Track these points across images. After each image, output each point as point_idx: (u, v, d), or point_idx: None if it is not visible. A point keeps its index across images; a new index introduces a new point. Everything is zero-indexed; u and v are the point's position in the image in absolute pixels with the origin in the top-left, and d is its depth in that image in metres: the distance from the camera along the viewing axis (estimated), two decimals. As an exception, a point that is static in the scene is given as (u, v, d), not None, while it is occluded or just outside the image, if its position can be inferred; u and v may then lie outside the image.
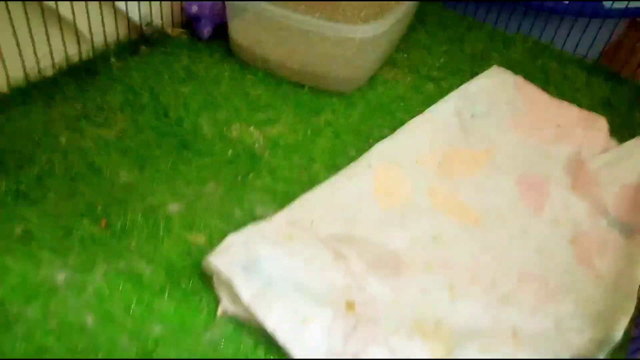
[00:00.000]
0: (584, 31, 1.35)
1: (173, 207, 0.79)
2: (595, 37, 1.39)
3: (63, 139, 0.86)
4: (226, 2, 1.05)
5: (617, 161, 0.95)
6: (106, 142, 0.87)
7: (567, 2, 1.28)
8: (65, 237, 0.73)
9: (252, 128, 0.94)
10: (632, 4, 1.33)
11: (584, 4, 1.28)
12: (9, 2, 0.87)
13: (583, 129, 1.00)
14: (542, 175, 0.92)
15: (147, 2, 1.09)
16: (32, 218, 0.74)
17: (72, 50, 1.01)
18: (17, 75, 0.95)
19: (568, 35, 1.32)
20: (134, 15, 1.06)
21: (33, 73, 0.97)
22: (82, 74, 0.98)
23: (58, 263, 0.70)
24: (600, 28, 1.37)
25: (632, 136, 0.99)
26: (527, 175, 0.92)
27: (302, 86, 1.05)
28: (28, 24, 0.92)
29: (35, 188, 0.78)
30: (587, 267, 0.79)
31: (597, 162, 0.94)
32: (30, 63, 0.96)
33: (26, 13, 0.91)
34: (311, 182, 0.85)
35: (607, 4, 1.31)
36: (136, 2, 1.06)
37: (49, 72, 0.98)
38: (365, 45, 1.01)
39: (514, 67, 1.15)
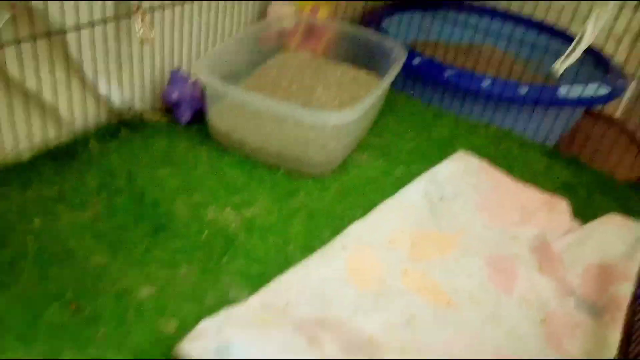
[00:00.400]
0: (543, 118, 1.45)
1: (145, 292, 0.78)
2: (554, 124, 1.49)
3: (37, 222, 0.86)
4: (205, 89, 1.10)
5: (581, 242, 0.99)
6: (81, 225, 0.87)
7: (524, 90, 1.38)
8: (33, 323, 0.71)
9: (227, 210, 0.95)
10: (585, 93, 1.44)
11: (540, 92, 1.38)
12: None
13: (546, 211, 1.05)
14: (510, 257, 0.95)
15: (129, 88, 1.13)
16: (0, 302, 0.72)
17: (52, 134, 1.03)
18: (-7, 158, 0.96)
19: (528, 122, 1.41)
20: (116, 100, 1.10)
21: (11, 155, 0.98)
22: (61, 156, 1.00)
23: (22, 351, 0.67)
24: (558, 115, 1.47)
25: (592, 218, 1.04)
26: (496, 257, 0.95)
27: (278, 169, 1.08)
28: (10, 107, 0.94)
29: (6, 272, 0.77)
30: (558, 350, 0.80)
31: (562, 243, 0.98)
32: (9, 145, 0.97)
33: (9, 96, 0.94)
34: (286, 264, 0.86)
35: (562, 93, 1.42)
36: (118, 87, 1.10)
37: (28, 154, 0.99)
38: (338, 131, 1.06)
39: (478, 152, 1.21)
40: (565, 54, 1.12)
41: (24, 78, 0.94)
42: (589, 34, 1.09)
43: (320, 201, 1.02)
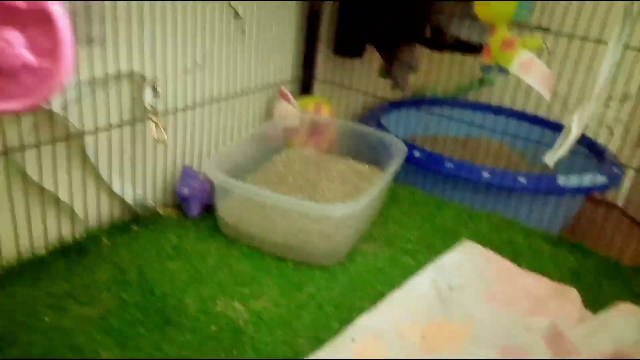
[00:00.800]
0: (544, 206, 1.48)
1: (153, 389, 0.76)
2: (555, 212, 1.52)
3: (46, 319, 0.86)
4: (214, 185, 1.14)
5: (594, 332, 0.97)
6: (90, 320, 0.87)
7: (523, 180, 1.42)
8: None
9: (236, 303, 0.95)
10: (584, 183, 1.48)
11: (539, 181, 1.42)
12: (10, 186, 0.94)
13: (557, 300, 1.04)
14: (524, 347, 0.93)
15: (142, 185, 1.18)
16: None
17: (66, 230, 1.06)
18: (10, 255, 0.98)
19: (529, 210, 1.44)
20: (129, 197, 1.14)
21: (26, 253, 1.00)
22: (72, 253, 1.02)
23: None
24: (558, 203, 1.50)
25: (601, 306, 1.03)
26: (509, 347, 0.93)
27: (286, 260, 1.09)
28: (27, 205, 0.98)
29: (13, 371, 0.76)
30: None
31: (575, 333, 0.96)
32: (25, 243, 1.00)
33: (26, 195, 0.98)
34: (295, 357, 0.84)
35: (560, 182, 1.46)
36: (131, 185, 1.15)
37: (41, 251, 1.01)
38: (343, 222, 1.09)
39: (482, 240, 1.23)
40: (555, 146, 1.18)
41: (42, 178, 0.99)
42: (575, 128, 1.15)
43: (329, 292, 1.02)
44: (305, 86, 1.63)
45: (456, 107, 2.09)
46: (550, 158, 1.18)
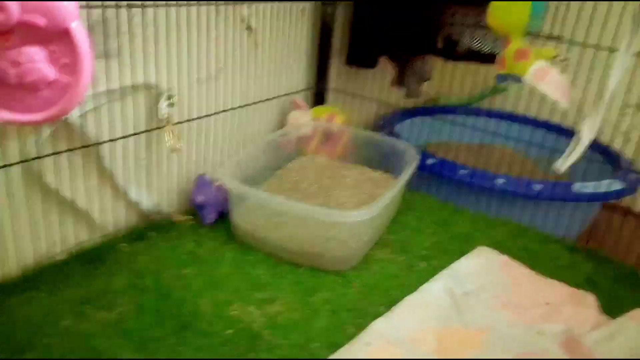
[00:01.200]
0: (560, 213, 1.47)
1: (170, 391, 0.77)
2: (572, 219, 1.51)
3: (64, 323, 0.88)
4: (229, 192, 1.15)
5: (611, 337, 0.96)
6: (108, 325, 0.88)
7: (538, 187, 1.41)
8: None
9: (251, 307, 0.96)
10: (599, 189, 1.47)
11: (554, 188, 1.41)
12: (29, 194, 0.97)
13: (573, 305, 1.03)
14: (539, 354, 0.93)
15: (158, 193, 1.19)
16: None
17: (85, 237, 1.08)
18: (28, 261, 1.00)
19: (545, 217, 1.43)
20: (145, 204, 1.16)
21: (44, 258, 1.02)
22: (91, 259, 1.04)
23: None
24: (574, 210, 1.49)
25: (617, 313, 1.02)
26: (524, 355, 0.92)
27: (300, 266, 1.10)
28: (46, 212, 1.00)
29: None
30: None
31: (591, 338, 0.95)
32: (42, 249, 1.02)
33: (45, 202, 1.00)
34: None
35: (575, 189, 1.45)
36: (147, 193, 1.16)
37: (60, 257, 1.03)
38: (357, 228, 1.09)
39: (498, 247, 1.22)
40: (566, 153, 1.17)
41: (60, 186, 1.01)
42: (585, 135, 1.14)
43: (343, 297, 1.02)
44: (318, 96, 1.64)
45: (470, 114, 2.08)
46: (561, 165, 1.18)
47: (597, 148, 1.86)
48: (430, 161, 1.56)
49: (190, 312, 0.93)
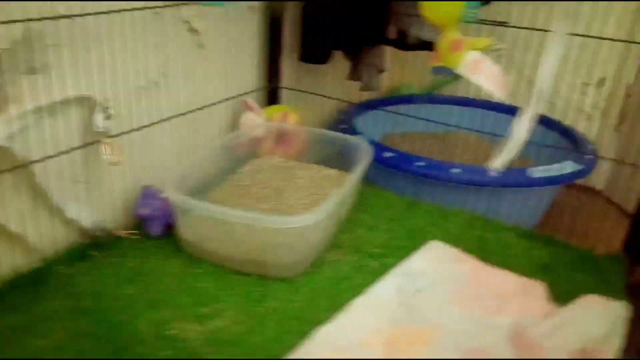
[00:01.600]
0: (516, 200, 1.46)
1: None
2: (528, 205, 1.50)
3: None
4: (173, 203, 1.13)
5: (561, 326, 0.95)
6: (43, 353, 0.85)
7: (493, 175, 1.40)
8: None
9: (194, 324, 0.93)
10: (555, 173, 1.46)
11: (508, 175, 1.40)
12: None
13: (523, 296, 1.02)
14: (488, 349, 0.91)
15: (99, 208, 1.16)
16: None
17: (21, 262, 1.05)
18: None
19: (501, 205, 1.42)
20: (86, 222, 1.13)
21: (-21, 287, 0.99)
22: (28, 284, 1.00)
23: None
24: (530, 196, 1.48)
25: (574, 297, 1.01)
26: (472, 351, 0.91)
27: (249, 275, 1.08)
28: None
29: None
30: None
31: (541, 329, 0.94)
32: (-24, 277, 0.98)
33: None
34: (251, 378, 0.83)
35: (531, 174, 1.44)
36: (88, 209, 1.13)
37: (-4, 284, 1.00)
38: (303, 233, 1.07)
39: (453, 239, 1.21)
40: (501, 151, 1.16)
41: (-9, 211, 0.97)
42: (518, 132, 1.13)
43: (290, 304, 1.00)
44: (271, 95, 1.61)
45: (434, 103, 2.06)
46: (495, 164, 1.16)
47: (559, 129, 1.85)
48: (386, 154, 1.54)
49: (129, 334, 0.90)
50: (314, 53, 1.64)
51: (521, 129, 1.11)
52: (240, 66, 1.50)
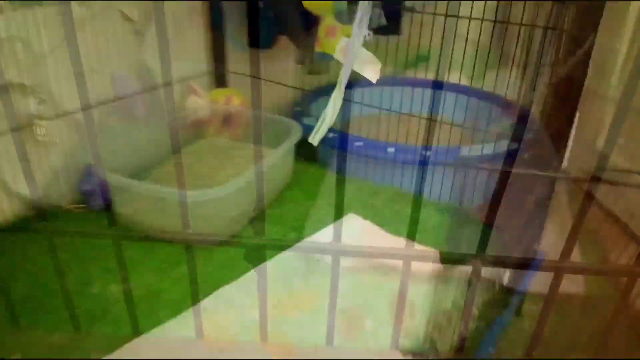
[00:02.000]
0: (445, 178, 1.54)
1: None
2: (464, 182, 1.57)
3: None
4: (108, 181, 1.24)
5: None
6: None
7: (425, 152, 1.48)
8: None
9: (114, 285, 1.05)
10: (486, 152, 1.53)
11: (437, 153, 1.48)
12: None
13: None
14: (365, 308, 1.02)
15: (43, 185, 1.28)
16: None
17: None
18: None
19: (430, 183, 1.50)
20: (29, 195, 1.25)
21: None
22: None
23: None
24: (455, 173, 1.55)
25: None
26: (350, 310, 1.01)
27: (175, 245, 1.19)
28: None
29: None
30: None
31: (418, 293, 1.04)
32: None
33: None
34: (154, 327, 0.94)
35: (461, 153, 1.52)
36: (31, 186, 1.25)
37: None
38: (218, 205, 1.17)
39: (374, 212, 1.31)
40: (315, 130, 1.22)
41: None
42: (330, 112, 1.19)
43: (204, 269, 1.12)
44: (219, 79, 1.71)
45: (396, 84, 2.13)
46: (312, 139, 1.22)
47: (518, 111, 1.90)
48: (330, 135, 1.63)
49: (56, 291, 1.02)
50: (258, 38, 1.73)
51: (330, 111, 1.17)
52: (184, 52, 1.59)
